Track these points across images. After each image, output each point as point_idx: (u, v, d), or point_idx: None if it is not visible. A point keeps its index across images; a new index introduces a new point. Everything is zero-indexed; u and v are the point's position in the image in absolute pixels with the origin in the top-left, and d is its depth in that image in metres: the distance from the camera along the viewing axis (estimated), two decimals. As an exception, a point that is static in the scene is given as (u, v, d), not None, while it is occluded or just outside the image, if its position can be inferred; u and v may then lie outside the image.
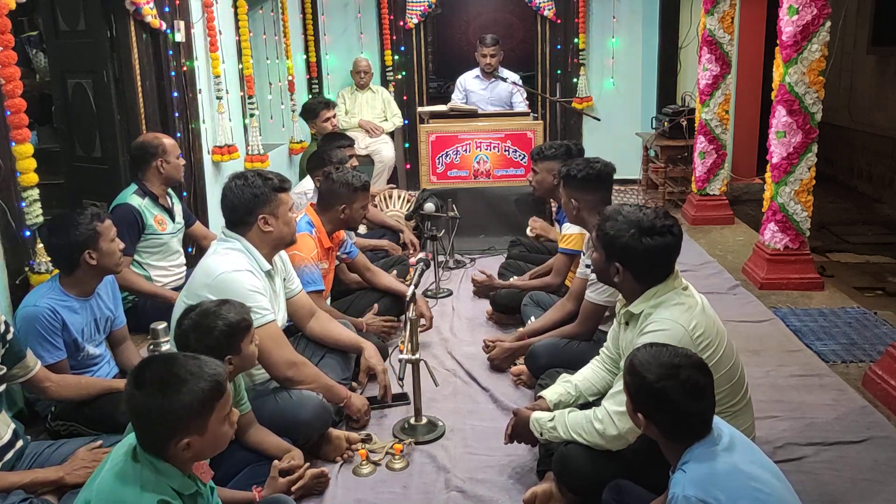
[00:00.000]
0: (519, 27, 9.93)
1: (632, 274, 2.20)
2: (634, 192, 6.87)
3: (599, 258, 2.30)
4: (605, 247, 2.25)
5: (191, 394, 1.60)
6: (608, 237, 2.22)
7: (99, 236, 2.74)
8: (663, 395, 1.70)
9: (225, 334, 2.15)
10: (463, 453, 2.70)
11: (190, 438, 1.62)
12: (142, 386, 1.62)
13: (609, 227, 2.22)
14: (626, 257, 2.19)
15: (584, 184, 3.05)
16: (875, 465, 2.57)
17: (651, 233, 2.16)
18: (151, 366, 1.68)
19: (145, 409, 1.61)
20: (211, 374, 1.65)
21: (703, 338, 2.09)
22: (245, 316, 2.23)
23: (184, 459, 1.66)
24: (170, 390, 1.60)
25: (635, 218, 2.19)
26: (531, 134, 5.36)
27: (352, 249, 3.67)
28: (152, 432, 1.63)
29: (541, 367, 2.98)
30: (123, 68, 4.12)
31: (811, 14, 3.94)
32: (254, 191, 2.64)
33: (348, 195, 3.35)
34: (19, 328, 2.58)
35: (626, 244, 2.17)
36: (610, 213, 2.26)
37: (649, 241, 2.15)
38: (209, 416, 1.64)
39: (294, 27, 6.76)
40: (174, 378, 1.61)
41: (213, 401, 1.64)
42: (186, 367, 1.64)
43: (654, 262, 2.18)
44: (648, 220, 2.18)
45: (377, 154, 6.52)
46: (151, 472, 1.63)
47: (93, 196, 3.91)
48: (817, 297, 4.21)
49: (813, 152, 4.14)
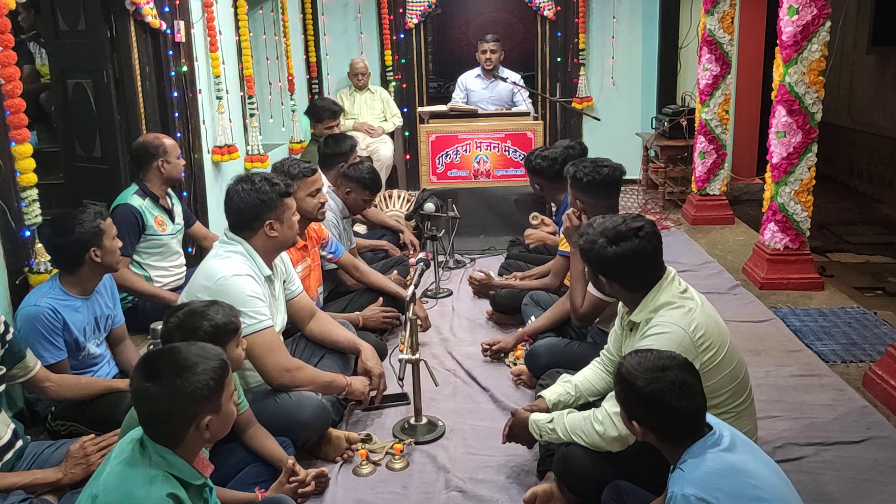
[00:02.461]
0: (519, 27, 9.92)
1: (617, 283, 2.22)
2: (634, 192, 6.87)
3: (589, 271, 2.33)
4: (586, 260, 2.28)
5: (205, 373, 1.67)
6: (584, 251, 2.26)
7: (103, 234, 2.76)
8: (654, 398, 1.71)
9: (209, 335, 2.11)
10: (463, 453, 2.70)
11: (210, 417, 1.68)
12: (155, 377, 1.65)
13: (583, 241, 2.25)
14: (603, 268, 2.22)
15: (590, 188, 3.00)
16: (875, 465, 2.57)
17: (617, 239, 2.17)
18: (157, 358, 1.72)
19: (163, 398, 1.64)
20: (215, 354, 1.73)
21: (704, 339, 2.10)
22: (232, 319, 2.20)
23: (200, 443, 1.71)
24: (186, 374, 1.65)
25: (603, 228, 2.22)
26: (531, 134, 5.36)
27: (337, 249, 3.64)
28: (173, 420, 1.66)
29: (541, 368, 2.98)
30: (123, 68, 4.11)
31: (811, 14, 3.94)
32: (261, 196, 2.63)
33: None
34: (20, 328, 2.59)
35: (598, 255, 2.20)
36: (584, 227, 2.30)
37: (616, 248, 2.16)
38: (222, 392, 1.71)
39: (294, 27, 6.76)
40: (185, 362, 1.67)
41: (224, 377, 1.72)
42: (191, 352, 1.71)
43: (631, 268, 2.19)
44: (614, 227, 2.19)
45: (376, 154, 6.51)
46: (161, 464, 1.65)
47: (93, 196, 3.91)
48: (817, 297, 4.21)
49: (813, 152, 4.14)
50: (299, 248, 3.36)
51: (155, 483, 1.61)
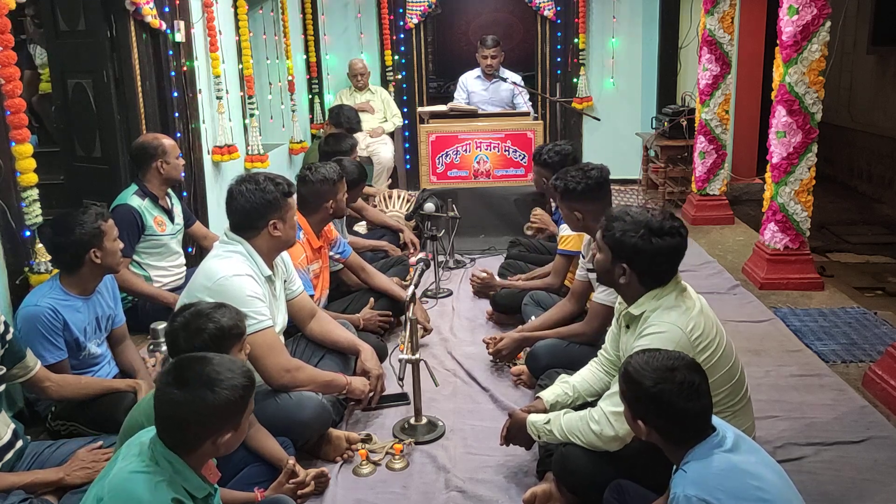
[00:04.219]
0: (519, 27, 9.92)
1: (637, 275, 2.19)
2: (634, 192, 6.86)
3: (605, 259, 2.26)
4: (613, 247, 2.22)
5: (234, 390, 1.66)
6: (616, 238, 2.20)
7: (104, 235, 2.75)
8: (661, 398, 1.71)
9: (214, 338, 2.10)
10: (463, 453, 2.70)
11: (229, 434, 1.68)
12: (184, 385, 1.64)
13: (618, 228, 2.20)
14: (634, 258, 2.18)
15: (584, 194, 2.98)
16: (875, 465, 2.57)
17: (661, 233, 2.15)
18: (189, 365, 1.70)
19: (189, 406, 1.63)
20: (245, 370, 1.73)
21: (700, 339, 2.09)
22: (238, 323, 2.18)
23: (211, 455, 1.71)
24: (217, 387, 1.64)
25: (643, 219, 2.18)
26: (531, 134, 5.36)
27: (345, 249, 3.67)
28: (192, 430, 1.65)
29: (541, 368, 2.97)
30: (123, 68, 4.11)
31: (811, 14, 3.94)
32: (266, 196, 2.62)
33: (331, 189, 3.37)
34: (20, 328, 2.58)
35: (635, 245, 2.16)
36: (618, 214, 2.24)
37: (659, 241, 2.14)
38: (245, 410, 1.71)
39: (294, 27, 6.76)
40: (217, 375, 1.66)
41: (249, 396, 1.71)
42: (223, 365, 1.69)
43: (661, 263, 2.18)
44: (657, 221, 2.17)
45: (376, 155, 6.52)
46: (169, 470, 1.64)
47: (93, 196, 3.90)
48: (817, 297, 4.21)
49: (813, 152, 4.14)
50: (315, 248, 3.38)
51: (160, 487, 1.61)
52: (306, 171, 3.43)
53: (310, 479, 2.37)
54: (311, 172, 3.39)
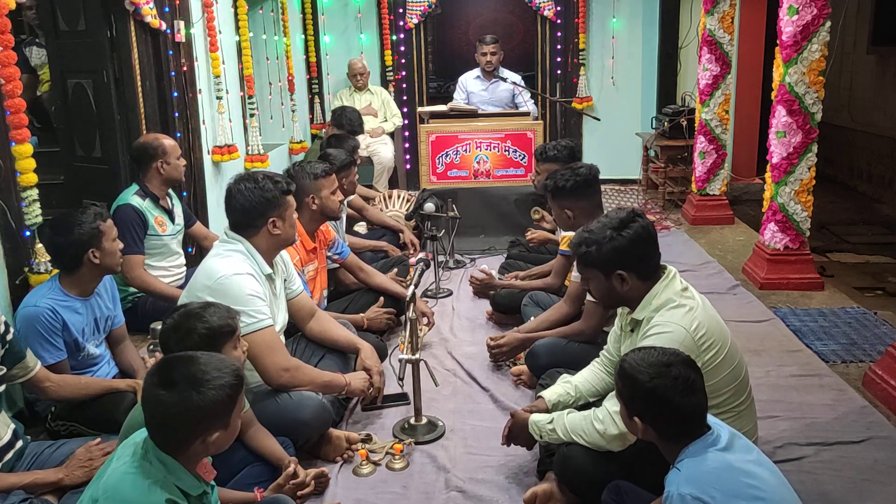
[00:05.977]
0: (519, 27, 9.93)
1: (635, 272, 2.20)
2: (634, 192, 6.87)
3: (599, 282, 2.26)
4: (598, 263, 2.23)
5: (221, 389, 1.65)
6: (594, 254, 2.22)
7: (102, 235, 2.75)
8: (656, 393, 1.71)
9: (204, 338, 2.08)
10: (463, 453, 2.70)
11: (218, 433, 1.67)
12: (170, 385, 1.63)
13: (590, 246, 2.22)
14: (621, 258, 2.19)
15: (575, 192, 3.07)
16: (875, 465, 2.57)
17: (623, 225, 2.20)
18: (175, 365, 1.69)
19: (176, 407, 1.62)
20: (233, 369, 1.71)
21: (705, 338, 2.10)
22: (229, 321, 2.17)
23: (203, 454, 1.70)
24: (203, 387, 1.63)
25: (601, 224, 2.24)
26: (531, 134, 5.36)
27: (343, 250, 3.66)
28: (180, 430, 1.65)
29: (542, 367, 2.97)
30: (123, 68, 4.11)
31: (811, 14, 3.94)
32: (265, 194, 2.63)
33: (312, 184, 3.31)
34: (20, 328, 2.58)
35: (614, 246, 2.18)
36: (580, 238, 2.27)
37: (628, 231, 2.19)
38: (234, 409, 1.70)
39: (294, 27, 6.76)
40: (203, 375, 1.65)
41: (238, 394, 1.70)
42: (211, 364, 1.68)
43: (643, 248, 2.21)
44: (614, 218, 2.23)
45: (376, 155, 6.51)
46: (162, 471, 1.64)
47: (93, 196, 3.91)
48: (817, 297, 4.21)
49: (813, 152, 4.14)
50: (309, 250, 3.37)
51: (153, 488, 1.61)
52: (290, 167, 3.43)
53: (310, 479, 2.37)
54: (294, 167, 3.38)
